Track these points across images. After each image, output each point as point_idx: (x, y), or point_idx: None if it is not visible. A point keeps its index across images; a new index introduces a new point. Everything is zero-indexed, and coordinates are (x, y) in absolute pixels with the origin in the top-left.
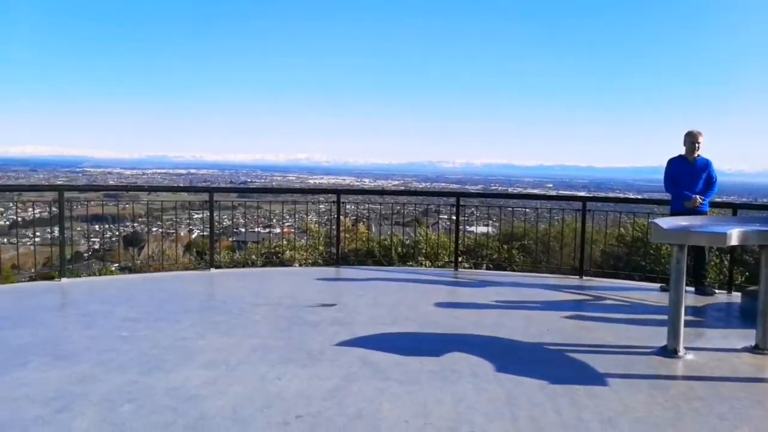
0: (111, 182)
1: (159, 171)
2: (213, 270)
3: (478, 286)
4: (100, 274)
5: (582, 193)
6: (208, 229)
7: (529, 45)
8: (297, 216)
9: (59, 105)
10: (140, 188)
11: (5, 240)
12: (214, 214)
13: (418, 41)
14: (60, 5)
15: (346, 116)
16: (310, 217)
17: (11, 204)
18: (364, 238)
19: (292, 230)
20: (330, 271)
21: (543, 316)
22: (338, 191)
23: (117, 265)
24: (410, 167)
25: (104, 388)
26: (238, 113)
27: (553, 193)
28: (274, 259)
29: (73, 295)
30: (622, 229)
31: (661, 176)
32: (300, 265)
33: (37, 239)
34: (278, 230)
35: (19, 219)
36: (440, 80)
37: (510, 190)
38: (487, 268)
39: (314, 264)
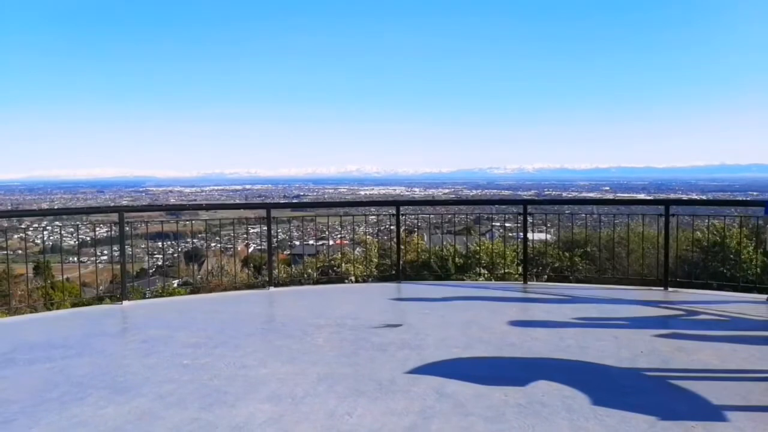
0: (172, 200)
1: (216, 188)
2: (272, 288)
3: (552, 302)
4: (162, 292)
5: (670, 196)
6: (265, 244)
7: (579, 44)
8: (349, 227)
9: (124, 129)
10: (199, 206)
11: (73, 259)
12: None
13: (465, 46)
14: (117, 30)
15: (395, 126)
16: (362, 228)
17: (78, 225)
18: (419, 249)
19: (346, 241)
20: (390, 287)
21: (632, 336)
22: (397, 203)
23: (179, 280)
24: (461, 175)
25: (163, 427)
26: (289, 128)
27: (611, 196)
28: (330, 272)
29: (133, 319)
30: (698, 232)
31: (727, 175)
32: (357, 280)
33: (104, 258)
34: (332, 242)
35: (87, 239)
36: (489, 85)
37: (564, 194)
38: (549, 279)
39: (370, 277)
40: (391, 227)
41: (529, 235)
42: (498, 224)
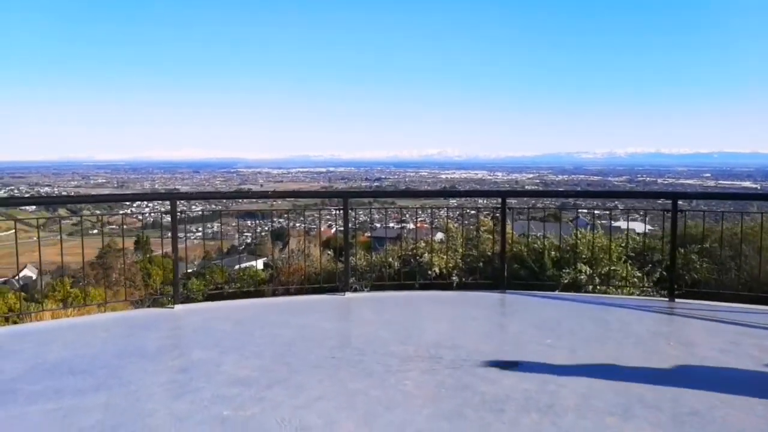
0: (260, 180)
1: (302, 170)
2: (348, 294)
3: (719, 330)
4: (221, 289)
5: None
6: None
7: (672, 16)
8: (430, 212)
9: (217, 113)
10: (280, 194)
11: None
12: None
13: (550, 24)
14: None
15: (477, 108)
16: (443, 212)
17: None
18: (512, 240)
19: (426, 224)
20: (491, 298)
21: None
22: (502, 193)
23: (264, 259)
24: (546, 159)
25: None
26: (372, 111)
27: (712, 183)
28: (412, 262)
29: (180, 332)
30: None
31: None
32: (441, 272)
33: (198, 234)
34: (411, 225)
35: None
36: (575, 63)
37: (659, 180)
38: (658, 282)
39: (456, 271)
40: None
41: (622, 225)
42: (585, 210)
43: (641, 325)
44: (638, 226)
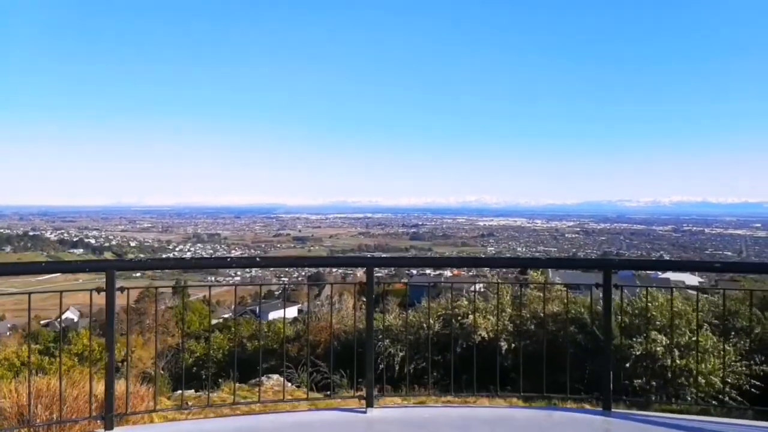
0: (299, 226)
1: (339, 215)
2: (372, 412)
3: None
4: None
5: None
6: (383, 271)
7: (718, 62)
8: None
9: (258, 160)
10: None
11: (212, 278)
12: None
13: (595, 71)
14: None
15: (517, 155)
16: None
17: (217, 247)
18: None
19: (462, 272)
20: (593, 423)
21: None
22: (606, 263)
23: (298, 305)
24: (587, 207)
25: None
26: (410, 157)
27: (764, 233)
28: (453, 323)
29: None
30: None
31: None
32: (488, 336)
33: (236, 279)
34: (449, 273)
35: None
36: (618, 109)
37: (707, 230)
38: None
39: (503, 333)
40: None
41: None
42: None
43: None
44: (687, 278)
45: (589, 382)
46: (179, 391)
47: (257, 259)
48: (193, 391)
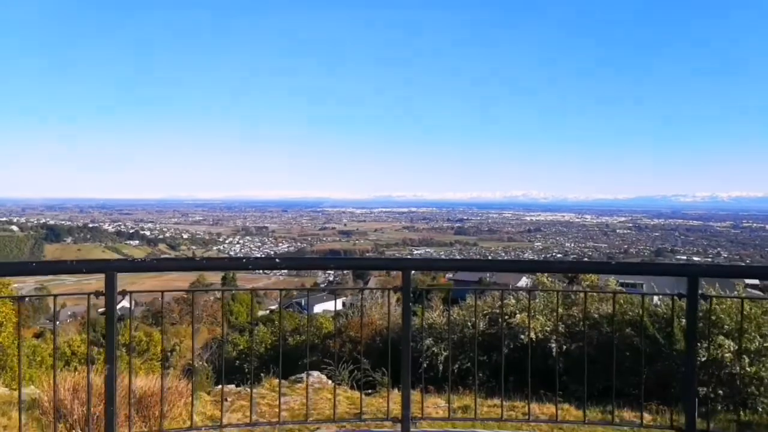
0: (344, 220)
1: (384, 210)
2: None
3: None
4: None
5: None
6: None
7: None
8: (513, 253)
9: (305, 152)
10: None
11: (258, 270)
12: (432, 250)
13: (645, 61)
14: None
15: (566, 147)
16: (526, 255)
17: (265, 240)
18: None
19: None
20: None
21: None
22: (693, 270)
23: (343, 298)
24: (640, 202)
25: None
26: (455, 151)
27: None
28: (500, 323)
29: None
30: None
31: None
32: (537, 338)
33: (284, 273)
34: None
35: (271, 252)
36: (672, 97)
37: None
38: None
39: (553, 333)
40: None
41: None
42: None
43: None
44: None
45: (647, 389)
46: (219, 386)
47: (276, 260)
48: (233, 386)
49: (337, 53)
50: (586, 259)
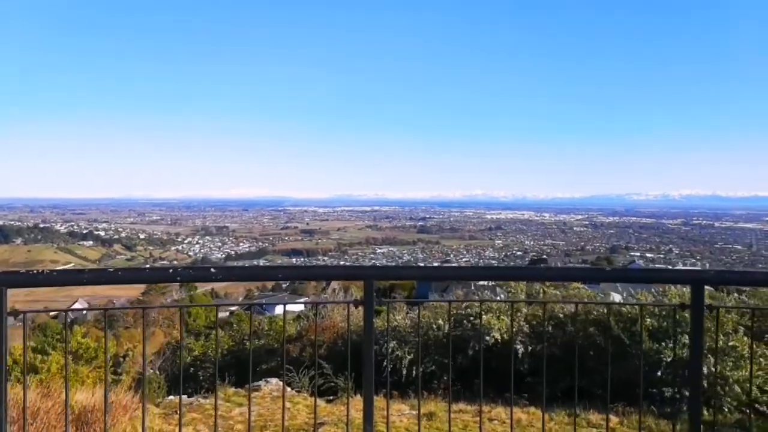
0: (306, 220)
1: (346, 208)
2: None
3: None
4: None
5: None
6: (391, 264)
7: (730, 59)
8: (474, 251)
9: (266, 152)
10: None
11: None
12: (394, 249)
13: (603, 62)
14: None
15: (525, 148)
16: (488, 252)
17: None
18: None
19: (471, 265)
20: None
21: None
22: (698, 278)
23: (305, 298)
24: (596, 201)
25: None
26: (416, 150)
27: None
28: (465, 324)
29: None
30: None
31: None
32: (502, 340)
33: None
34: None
35: (232, 253)
36: (627, 101)
37: (717, 224)
38: None
39: (518, 333)
40: None
41: None
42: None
43: None
44: None
45: (612, 389)
46: (171, 397)
47: (212, 269)
48: (186, 396)
49: (297, 48)
50: (548, 259)
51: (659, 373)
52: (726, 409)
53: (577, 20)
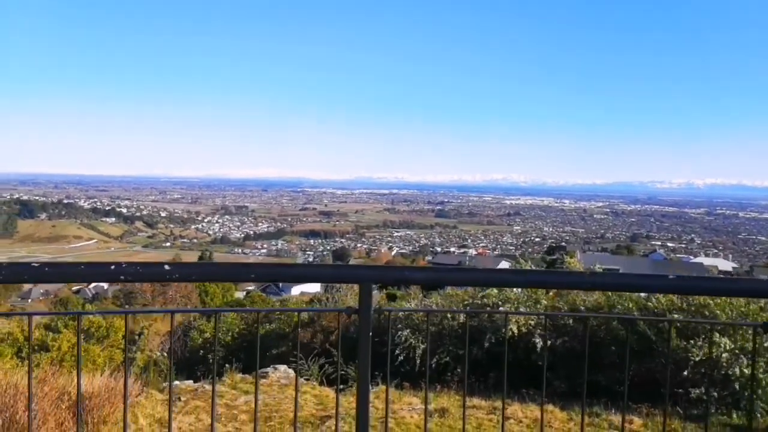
0: (325, 201)
1: (365, 191)
2: None
3: None
4: None
5: None
6: (408, 248)
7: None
8: (492, 237)
9: (285, 132)
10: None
11: (239, 250)
12: (412, 232)
13: (629, 48)
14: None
15: (546, 133)
16: (505, 238)
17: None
18: None
19: (488, 251)
20: None
21: None
22: None
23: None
24: (618, 188)
25: None
26: (436, 134)
27: None
28: (483, 316)
29: None
30: None
31: None
32: (520, 332)
33: (263, 251)
34: (473, 251)
35: (251, 233)
36: (653, 88)
37: (741, 214)
38: None
39: (537, 327)
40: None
41: None
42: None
43: None
44: (720, 263)
45: (635, 385)
46: (176, 383)
47: (166, 266)
48: (191, 381)
49: (324, 27)
50: (567, 246)
51: (686, 373)
52: (758, 414)
53: (604, 6)
